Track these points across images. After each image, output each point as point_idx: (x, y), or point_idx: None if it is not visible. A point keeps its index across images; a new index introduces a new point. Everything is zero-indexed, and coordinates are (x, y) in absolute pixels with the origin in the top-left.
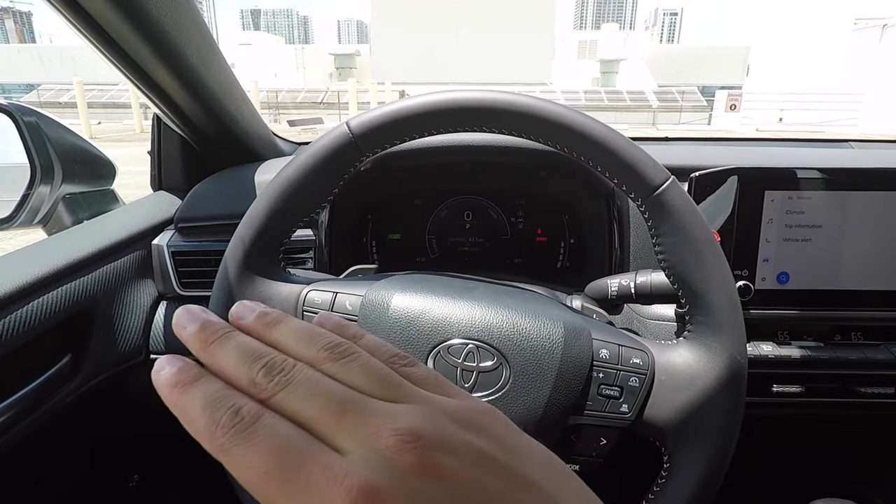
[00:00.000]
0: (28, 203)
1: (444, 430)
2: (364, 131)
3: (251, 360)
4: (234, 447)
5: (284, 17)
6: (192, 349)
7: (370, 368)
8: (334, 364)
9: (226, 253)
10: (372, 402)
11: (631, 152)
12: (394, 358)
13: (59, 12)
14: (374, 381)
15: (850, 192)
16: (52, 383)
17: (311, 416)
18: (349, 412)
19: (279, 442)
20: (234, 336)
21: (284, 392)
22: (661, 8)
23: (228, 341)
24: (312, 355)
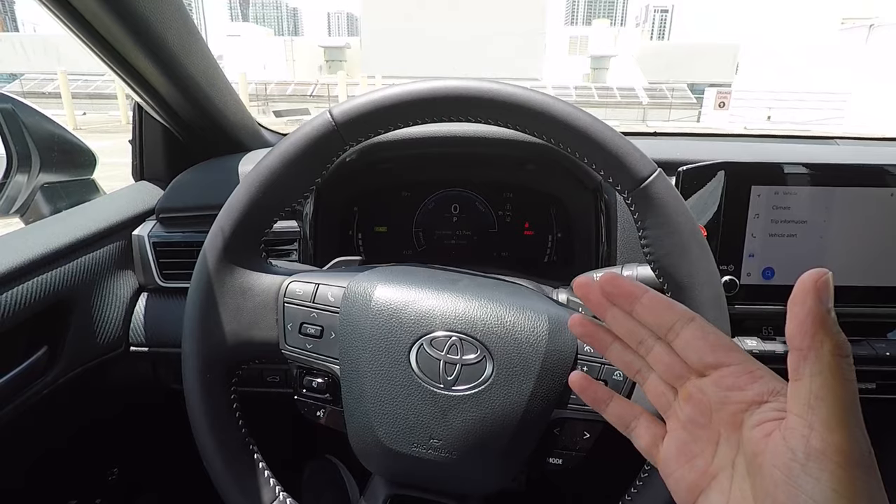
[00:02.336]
0: (4, 192)
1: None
2: (347, 120)
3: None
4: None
5: (273, 9)
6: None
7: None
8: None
9: (205, 243)
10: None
11: (617, 143)
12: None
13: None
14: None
15: (836, 188)
16: (27, 375)
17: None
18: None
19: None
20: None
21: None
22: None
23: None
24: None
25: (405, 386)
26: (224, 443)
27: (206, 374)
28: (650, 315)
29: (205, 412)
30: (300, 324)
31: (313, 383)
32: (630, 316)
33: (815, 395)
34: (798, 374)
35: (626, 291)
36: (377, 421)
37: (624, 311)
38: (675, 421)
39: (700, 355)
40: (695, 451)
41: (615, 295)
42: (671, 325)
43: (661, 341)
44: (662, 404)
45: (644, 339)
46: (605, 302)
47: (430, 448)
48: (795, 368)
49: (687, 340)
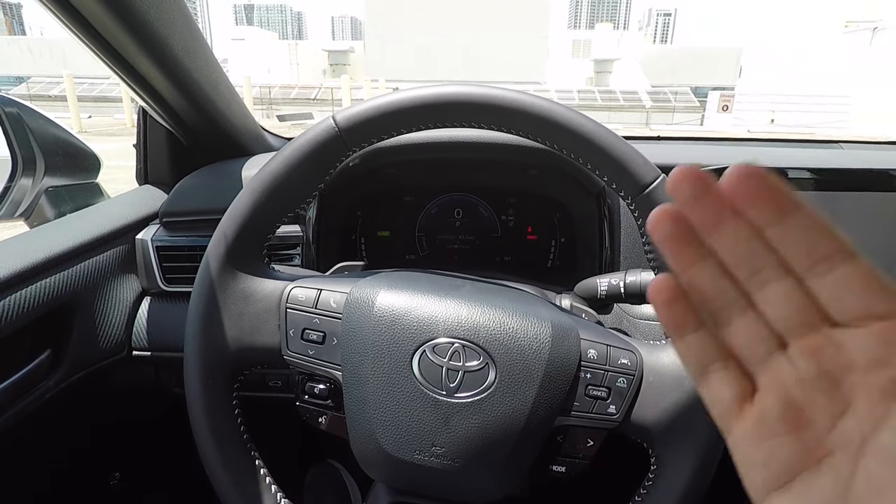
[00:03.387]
0: (9, 196)
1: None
2: (350, 125)
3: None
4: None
5: (278, 13)
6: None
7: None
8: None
9: (208, 248)
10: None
11: (621, 149)
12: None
13: (43, 4)
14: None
15: (841, 193)
16: (29, 379)
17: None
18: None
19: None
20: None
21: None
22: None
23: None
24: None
25: (407, 393)
26: (225, 448)
27: (207, 380)
28: (802, 238)
29: (206, 417)
30: (302, 329)
31: (315, 389)
32: (757, 233)
33: None
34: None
35: (780, 196)
36: (379, 428)
37: (749, 226)
38: (776, 378)
39: (869, 300)
40: (803, 421)
41: (756, 198)
42: (826, 256)
43: (788, 276)
44: (755, 354)
45: (764, 267)
46: (725, 206)
47: (433, 455)
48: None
49: (848, 279)
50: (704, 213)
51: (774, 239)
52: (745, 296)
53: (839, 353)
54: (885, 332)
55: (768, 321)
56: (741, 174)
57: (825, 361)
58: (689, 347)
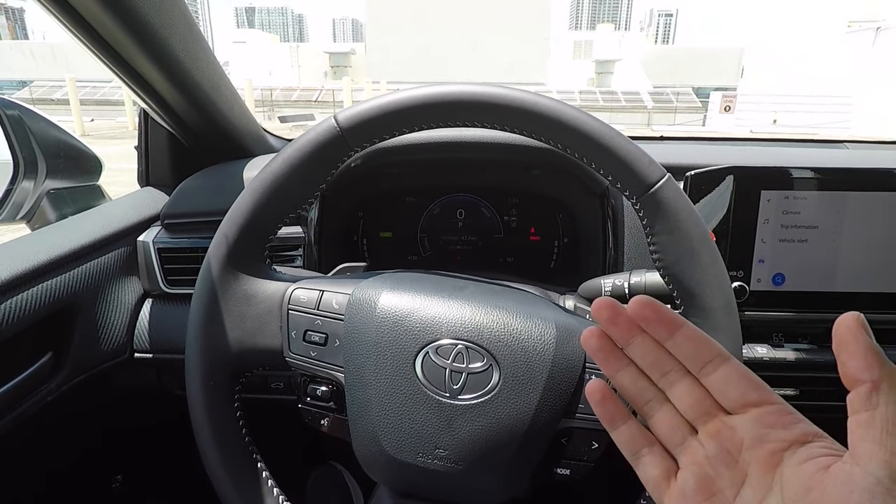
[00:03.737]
0: (11, 198)
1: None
2: (352, 125)
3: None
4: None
5: (279, 15)
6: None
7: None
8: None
9: (209, 249)
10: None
11: (626, 148)
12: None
13: (39, 2)
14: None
15: (847, 193)
16: (31, 382)
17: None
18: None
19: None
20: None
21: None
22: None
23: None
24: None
25: (410, 394)
26: (226, 450)
27: (209, 382)
28: (688, 347)
29: (208, 420)
30: (304, 331)
31: (317, 391)
32: (660, 346)
33: (893, 421)
34: (870, 405)
35: (667, 319)
36: (382, 430)
37: (654, 340)
38: (691, 457)
39: (743, 392)
40: (714, 489)
41: (652, 321)
42: (708, 360)
43: (688, 376)
44: (674, 439)
45: (669, 371)
46: (634, 326)
47: (436, 458)
48: (866, 400)
49: (727, 377)
50: (619, 331)
51: (671, 349)
52: (661, 393)
53: (733, 435)
54: (759, 416)
55: (680, 412)
56: (641, 304)
57: (724, 442)
58: (621, 437)
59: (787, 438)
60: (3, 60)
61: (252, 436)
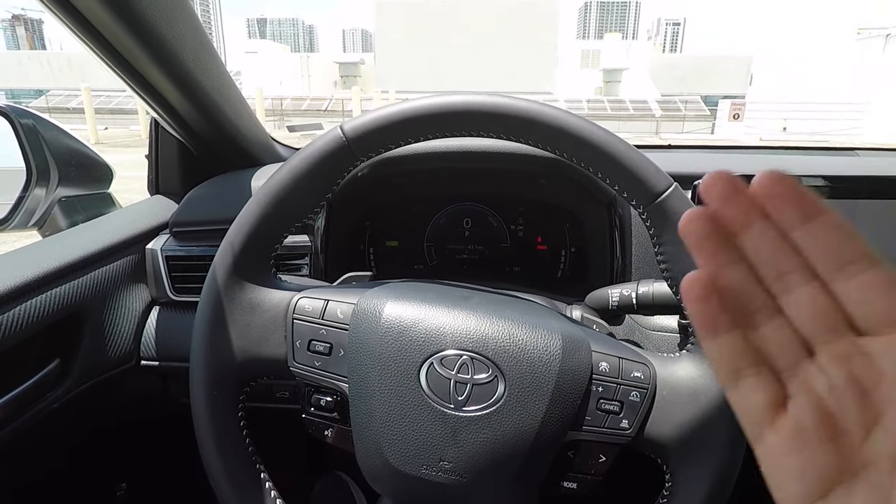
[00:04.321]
0: (23, 205)
1: None
2: (358, 135)
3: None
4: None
5: (290, 26)
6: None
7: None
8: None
9: (215, 258)
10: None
11: (632, 158)
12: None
13: (54, 13)
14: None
15: (858, 201)
16: (38, 388)
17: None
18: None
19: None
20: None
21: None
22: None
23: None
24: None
25: (415, 406)
26: (229, 460)
27: (213, 391)
28: (829, 241)
29: (211, 429)
30: (309, 341)
31: (321, 401)
32: (784, 237)
33: None
34: None
35: (806, 200)
36: (386, 441)
37: (777, 229)
38: (807, 385)
39: (892, 307)
40: (838, 430)
41: (784, 201)
42: (851, 260)
43: (814, 281)
44: (784, 360)
45: (791, 271)
46: (755, 207)
47: (440, 470)
48: None
49: (872, 284)
50: (735, 212)
51: (801, 241)
52: (772, 301)
53: (868, 363)
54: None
55: (795, 326)
56: (770, 178)
57: (855, 370)
58: (721, 349)
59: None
60: (22, 70)
61: (256, 445)
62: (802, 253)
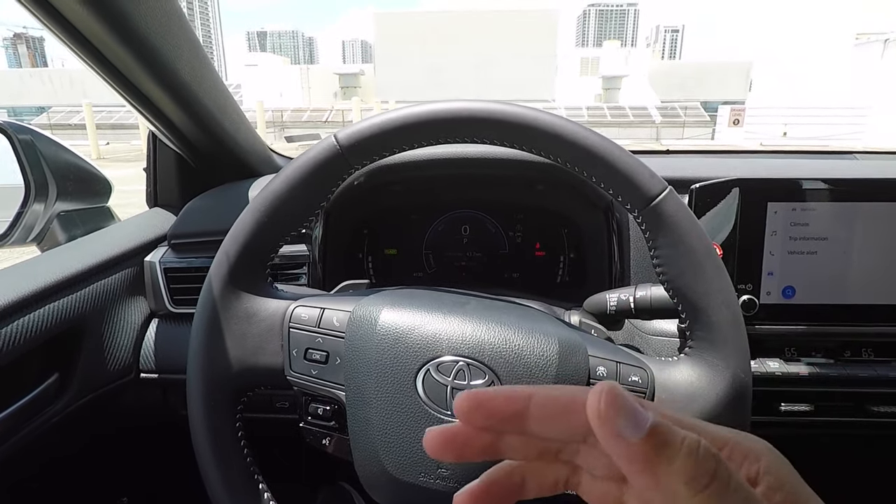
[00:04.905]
0: (22, 221)
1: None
2: (352, 143)
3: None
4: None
5: (290, 39)
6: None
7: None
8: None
9: (210, 269)
10: None
11: (626, 162)
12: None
13: (49, 29)
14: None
15: (857, 204)
16: (38, 403)
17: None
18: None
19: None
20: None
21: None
22: (662, 25)
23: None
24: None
25: (412, 413)
26: (227, 471)
27: (210, 401)
28: (552, 425)
29: (209, 441)
30: (305, 349)
31: (319, 410)
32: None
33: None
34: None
35: (497, 410)
36: (383, 449)
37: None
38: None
39: (608, 463)
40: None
41: (489, 418)
42: (585, 426)
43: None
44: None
45: (562, 447)
46: (482, 435)
47: (438, 478)
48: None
49: (589, 454)
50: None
51: (538, 434)
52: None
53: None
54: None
55: (599, 475)
56: (468, 408)
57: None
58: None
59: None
60: (24, 87)
61: (255, 456)
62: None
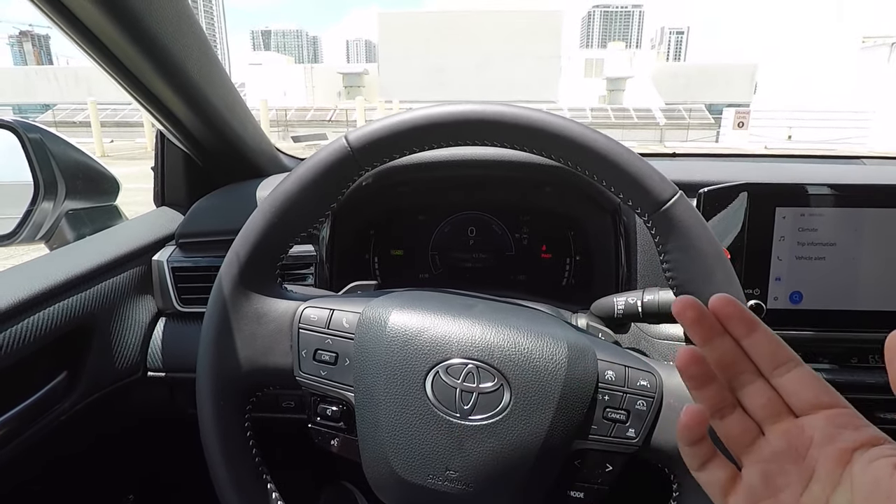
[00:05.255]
0: (31, 219)
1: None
2: (362, 145)
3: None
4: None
5: (294, 38)
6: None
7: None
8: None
9: (221, 269)
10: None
11: (637, 166)
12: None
13: (62, 29)
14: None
15: (865, 209)
16: (46, 401)
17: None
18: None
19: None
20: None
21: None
22: (667, 27)
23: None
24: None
25: (420, 415)
26: (236, 470)
27: (219, 401)
28: (765, 348)
29: (218, 439)
30: (314, 350)
31: (327, 411)
32: (737, 345)
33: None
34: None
35: (747, 317)
36: (392, 451)
37: (732, 340)
38: (757, 456)
39: (815, 394)
40: (781, 484)
41: (734, 318)
42: (783, 362)
43: (761, 377)
44: (745, 441)
45: (744, 371)
46: (716, 325)
47: (446, 480)
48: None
49: (801, 379)
50: (703, 330)
51: (748, 349)
52: (732, 397)
53: (801, 433)
54: (831, 416)
55: (749, 413)
56: (722, 301)
57: (792, 439)
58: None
59: (857, 439)
60: (29, 84)
61: (263, 455)
62: (750, 357)
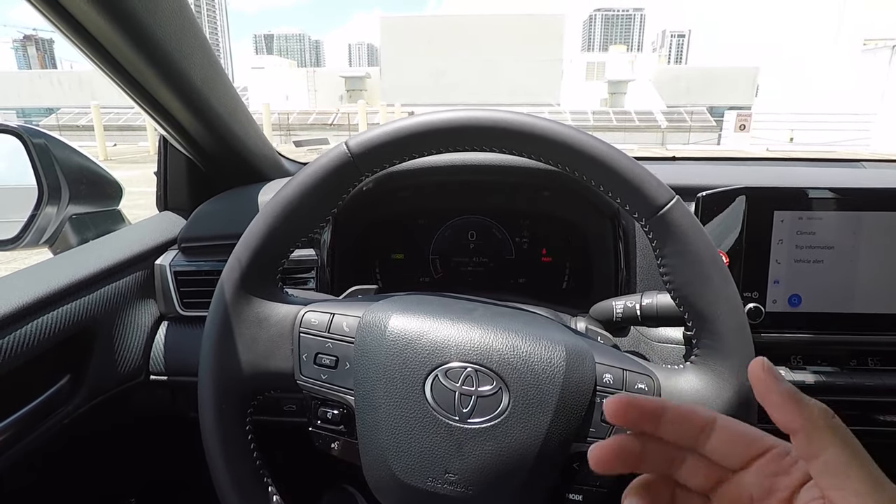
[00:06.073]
0: (34, 223)
1: None
2: (363, 151)
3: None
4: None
5: (296, 42)
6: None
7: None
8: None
9: (222, 273)
10: None
11: (634, 171)
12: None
13: (66, 36)
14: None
15: (864, 213)
16: (49, 404)
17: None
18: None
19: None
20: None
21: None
22: (668, 30)
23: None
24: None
25: (420, 418)
26: (237, 473)
27: (221, 405)
28: (676, 428)
29: (219, 443)
30: (315, 354)
31: (328, 415)
32: (655, 437)
33: (840, 465)
34: (812, 453)
35: (648, 409)
36: (391, 454)
37: (649, 434)
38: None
39: (745, 446)
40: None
41: (635, 419)
42: (701, 427)
43: (691, 452)
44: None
45: (675, 455)
46: (633, 444)
47: (446, 483)
48: (806, 449)
49: (725, 437)
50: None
51: (664, 435)
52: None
53: (743, 491)
54: (763, 466)
55: (697, 488)
56: (615, 406)
57: (736, 500)
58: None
59: (790, 485)
60: (33, 89)
61: (264, 458)
62: (671, 441)
